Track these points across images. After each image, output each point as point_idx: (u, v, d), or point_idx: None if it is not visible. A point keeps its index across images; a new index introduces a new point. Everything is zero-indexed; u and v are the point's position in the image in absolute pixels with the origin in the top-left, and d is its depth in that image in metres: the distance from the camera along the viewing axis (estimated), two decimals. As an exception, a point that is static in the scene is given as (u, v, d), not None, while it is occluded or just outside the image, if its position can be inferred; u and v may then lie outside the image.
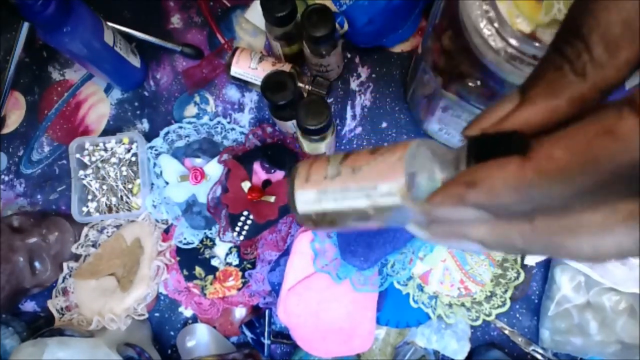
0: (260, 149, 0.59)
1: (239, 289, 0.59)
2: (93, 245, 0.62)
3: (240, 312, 0.61)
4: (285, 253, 0.58)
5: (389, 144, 0.22)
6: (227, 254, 0.60)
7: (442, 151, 0.21)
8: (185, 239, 0.60)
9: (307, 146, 0.56)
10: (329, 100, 0.64)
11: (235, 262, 0.60)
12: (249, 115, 0.64)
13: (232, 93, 0.65)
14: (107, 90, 0.67)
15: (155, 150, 0.61)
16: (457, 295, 0.56)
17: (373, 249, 0.54)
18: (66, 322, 0.59)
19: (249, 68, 0.59)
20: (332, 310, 0.56)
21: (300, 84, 0.59)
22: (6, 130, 0.67)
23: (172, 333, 0.63)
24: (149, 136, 0.64)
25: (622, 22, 0.16)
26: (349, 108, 0.64)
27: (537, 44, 0.37)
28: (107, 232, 0.62)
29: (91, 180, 0.61)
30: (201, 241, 0.60)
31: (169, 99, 0.66)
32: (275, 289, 0.58)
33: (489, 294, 0.56)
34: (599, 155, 0.15)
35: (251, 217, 0.57)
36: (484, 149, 0.18)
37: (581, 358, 0.58)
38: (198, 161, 0.60)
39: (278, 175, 0.58)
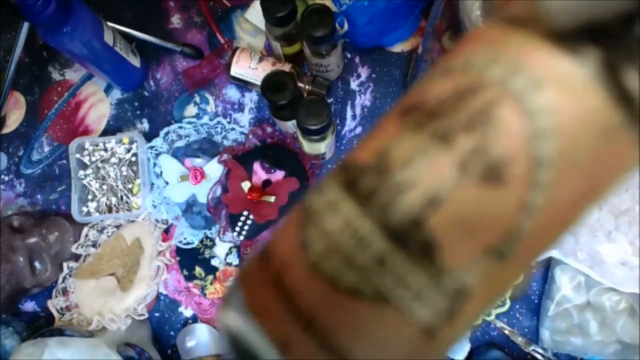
0: (260, 149, 0.59)
1: (239, 289, 0.59)
2: (93, 245, 0.62)
3: (240, 312, 0.61)
4: (285, 253, 0.58)
5: None
6: (227, 254, 0.60)
7: None
8: (185, 239, 0.60)
9: (307, 146, 0.56)
10: (329, 100, 0.64)
11: (235, 262, 0.60)
12: (249, 115, 0.64)
13: (232, 93, 0.65)
14: (107, 90, 0.67)
15: (155, 150, 0.61)
16: (457, 295, 0.56)
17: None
18: (66, 322, 0.59)
19: (249, 68, 0.59)
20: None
21: (300, 84, 0.59)
22: (6, 130, 0.67)
23: (172, 333, 0.63)
24: (149, 136, 0.64)
25: None
26: (349, 108, 0.64)
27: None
28: (107, 232, 0.62)
29: (91, 180, 0.61)
30: (201, 241, 0.60)
31: (169, 99, 0.66)
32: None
33: (489, 294, 0.56)
34: None
35: (251, 217, 0.57)
36: None
37: (581, 358, 0.58)
38: (198, 161, 0.60)
39: (278, 175, 0.58)
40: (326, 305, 0.15)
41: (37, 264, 0.60)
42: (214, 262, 0.60)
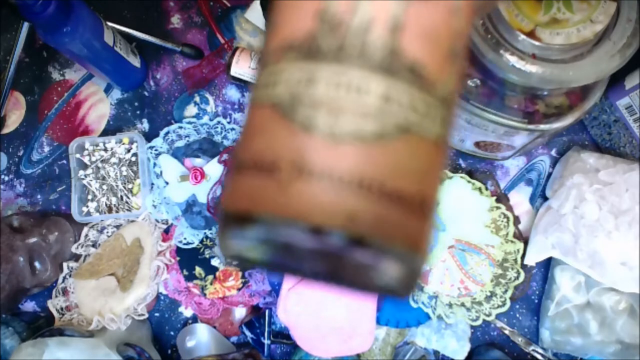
0: (260, 148, 0.59)
1: (239, 289, 0.59)
2: (93, 245, 0.62)
3: (240, 312, 0.61)
4: (285, 253, 0.58)
5: None
6: (227, 254, 0.60)
7: None
8: (185, 239, 0.60)
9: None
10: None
11: (235, 262, 0.60)
12: (249, 115, 0.64)
13: (232, 93, 0.65)
14: (107, 90, 0.67)
15: (155, 150, 0.62)
16: (457, 295, 0.56)
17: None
18: (66, 322, 0.59)
19: (249, 68, 0.59)
20: (332, 309, 0.56)
21: (300, 84, 0.59)
22: (6, 130, 0.67)
23: (172, 333, 0.63)
24: (149, 136, 0.64)
25: None
26: (348, 108, 0.64)
27: (536, 43, 0.37)
28: (107, 232, 0.62)
29: (91, 180, 0.61)
30: (201, 241, 0.60)
31: (169, 99, 0.66)
32: (275, 289, 0.58)
33: (488, 294, 0.56)
34: None
35: (251, 217, 0.57)
36: None
37: (581, 358, 0.58)
38: (198, 161, 0.60)
39: (278, 175, 0.58)
40: (365, 159, 0.15)
41: (37, 264, 0.60)
42: (214, 262, 0.60)
